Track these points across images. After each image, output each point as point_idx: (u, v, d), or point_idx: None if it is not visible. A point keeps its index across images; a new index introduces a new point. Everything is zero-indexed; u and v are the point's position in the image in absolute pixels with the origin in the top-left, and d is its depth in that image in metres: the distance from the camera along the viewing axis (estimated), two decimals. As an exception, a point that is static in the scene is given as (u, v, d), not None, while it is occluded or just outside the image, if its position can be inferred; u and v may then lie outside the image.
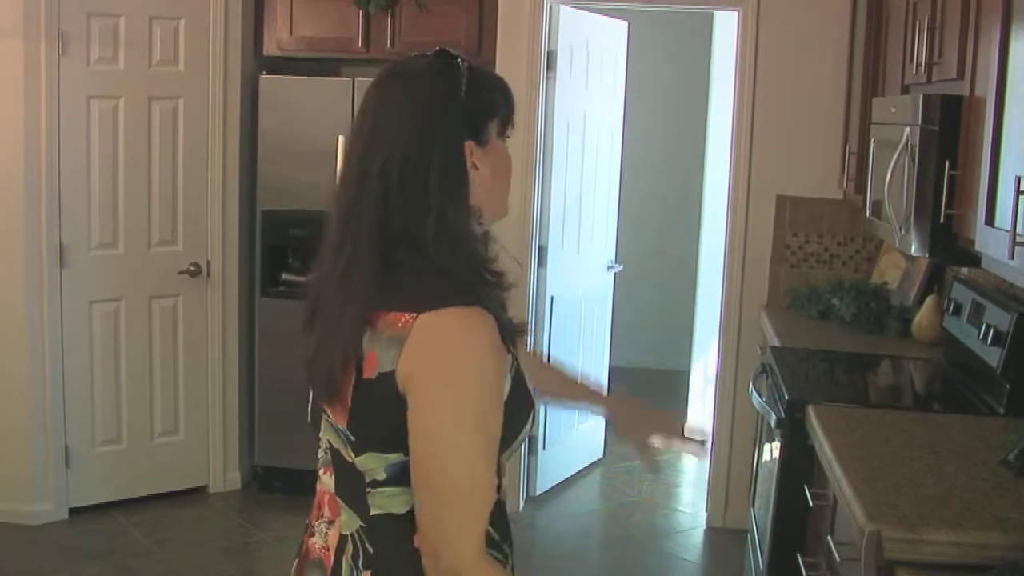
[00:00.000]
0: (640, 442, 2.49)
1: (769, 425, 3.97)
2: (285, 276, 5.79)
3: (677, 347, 7.97)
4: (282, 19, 5.79)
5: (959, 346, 3.98)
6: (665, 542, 5.64)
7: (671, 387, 7.83)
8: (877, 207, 3.92)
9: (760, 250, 5.57)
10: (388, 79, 1.95)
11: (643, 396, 2.34)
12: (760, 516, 4.26)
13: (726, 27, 6.53)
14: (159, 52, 5.47)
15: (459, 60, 1.94)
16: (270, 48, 5.84)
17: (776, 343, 4.64)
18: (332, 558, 1.99)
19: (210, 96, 5.62)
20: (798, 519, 3.55)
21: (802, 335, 4.76)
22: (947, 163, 3.20)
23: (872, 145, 4.07)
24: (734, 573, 5.09)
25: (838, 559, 2.74)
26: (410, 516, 1.89)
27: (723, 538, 5.59)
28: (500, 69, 5.56)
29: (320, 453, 2.05)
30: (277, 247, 5.79)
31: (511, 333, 1.93)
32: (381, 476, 1.90)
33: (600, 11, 6.17)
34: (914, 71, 3.81)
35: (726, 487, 5.70)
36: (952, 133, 3.23)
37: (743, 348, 5.56)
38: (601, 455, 6.72)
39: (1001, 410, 3.46)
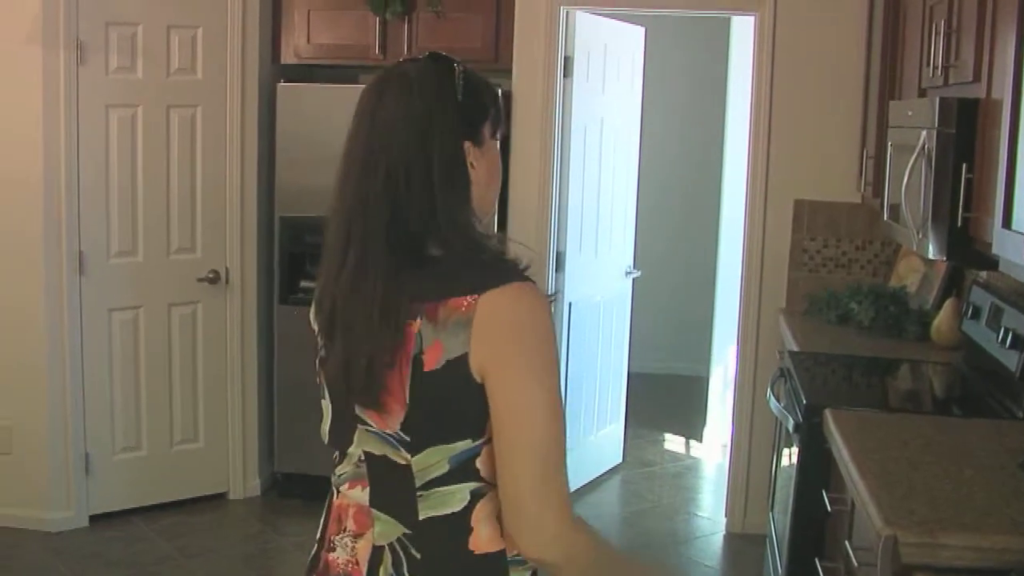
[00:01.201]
0: None
1: (787, 430, 3.96)
2: (303, 283, 5.79)
3: (696, 352, 7.95)
4: (299, 27, 5.81)
5: (978, 350, 3.97)
6: (685, 547, 5.63)
7: (690, 393, 7.83)
8: (895, 211, 3.90)
9: (778, 255, 5.55)
10: (385, 83, 1.98)
11: (662, 401, 2.36)
12: (779, 521, 4.25)
13: (743, 32, 6.52)
14: (177, 60, 5.50)
15: (454, 64, 1.99)
16: (287, 56, 5.86)
17: (794, 348, 4.63)
18: (364, 571, 1.99)
19: (228, 104, 5.64)
20: (816, 524, 3.54)
21: (820, 340, 4.75)
22: (964, 166, 3.19)
23: (889, 149, 4.06)
24: (753, 578, 5.10)
25: (856, 564, 2.74)
26: (466, 513, 1.93)
27: (742, 544, 5.57)
28: (517, 75, 5.59)
29: (345, 468, 2.05)
30: (295, 254, 5.80)
31: None
32: (443, 470, 1.91)
33: (617, 16, 6.18)
34: (931, 74, 3.79)
35: (745, 492, 5.69)
36: (969, 136, 3.22)
37: (762, 353, 5.55)
38: (620, 460, 6.71)
39: (1020, 414, 3.44)
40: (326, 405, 2.07)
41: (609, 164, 6.32)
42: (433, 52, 2.02)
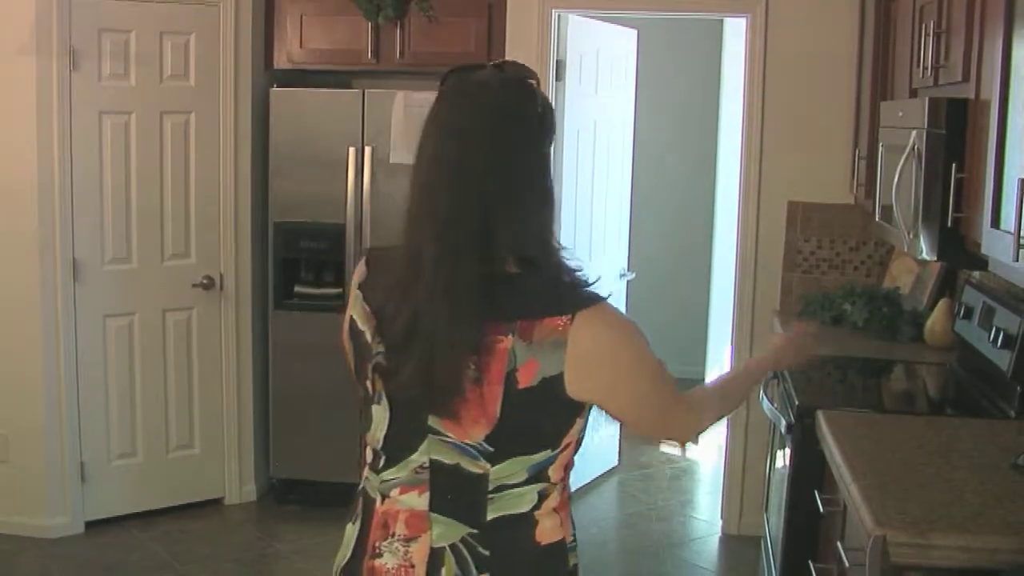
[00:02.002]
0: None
1: (780, 431, 3.96)
2: (298, 288, 5.81)
3: (691, 354, 7.94)
4: (292, 32, 5.81)
5: (971, 350, 3.97)
6: (681, 550, 5.63)
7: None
8: (887, 211, 3.91)
9: (772, 256, 5.56)
10: (465, 95, 1.99)
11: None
12: (773, 523, 4.25)
13: (736, 34, 6.53)
14: (170, 67, 5.50)
15: (528, 79, 2.02)
16: (281, 61, 5.86)
17: (788, 349, 4.62)
18: (423, 573, 2.02)
19: (221, 110, 5.64)
20: (809, 525, 3.53)
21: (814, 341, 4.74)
22: (954, 166, 3.20)
23: (881, 149, 4.06)
24: (749, 580, 5.10)
25: (847, 565, 2.74)
26: (533, 511, 2.03)
27: (738, 546, 5.58)
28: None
29: (397, 474, 2.05)
30: (289, 259, 5.81)
31: None
32: (521, 478, 1.99)
33: (609, 19, 6.18)
34: (921, 75, 3.80)
35: (741, 494, 5.69)
36: (959, 136, 3.23)
37: (756, 354, 5.54)
38: (616, 463, 6.71)
39: (1012, 413, 3.45)
40: (380, 411, 2.06)
41: (603, 167, 6.32)
42: (506, 61, 2.04)
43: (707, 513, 6.09)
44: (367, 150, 5.60)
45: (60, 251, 5.28)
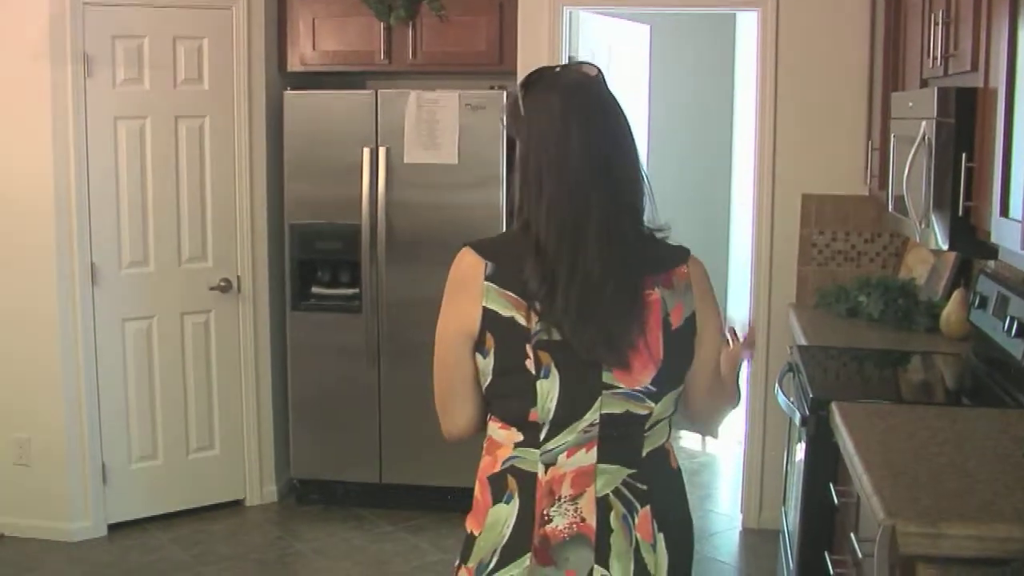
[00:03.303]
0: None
1: (795, 424, 3.96)
2: (315, 289, 5.83)
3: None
4: (304, 34, 5.83)
5: (986, 340, 3.96)
6: (701, 544, 5.61)
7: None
8: (900, 202, 3.90)
9: (787, 249, 5.55)
10: (584, 91, 2.29)
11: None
12: (790, 516, 4.25)
13: (749, 27, 6.52)
14: (184, 71, 5.53)
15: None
16: (294, 63, 5.88)
17: (803, 342, 4.63)
18: (595, 522, 2.24)
19: (235, 113, 5.67)
20: (825, 518, 3.54)
21: (830, 333, 4.75)
22: (964, 155, 3.19)
23: (893, 140, 4.05)
24: (767, 573, 5.08)
25: (860, 556, 2.74)
26: (667, 440, 2.36)
27: (758, 539, 5.57)
28: (522, 77, 5.57)
29: (564, 439, 2.24)
30: (306, 260, 5.82)
31: None
32: (671, 410, 2.33)
33: (621, 16, 6.18)
34: (931, 65, 3.80)
35: (760, 488, 5.69)
36: (968, 125, 3.22)
37: (773, 348, 5.54)
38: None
39: (1026, 402, 3.44)
40: (547, 384, 2.21)
41: (617, 163, 6.30)
42: (583, 61, 2.40)
43: (727, 507, 6.09)
44: (381, 150, 5.61)
45: (78, 256, 5.32)
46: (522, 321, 2.20)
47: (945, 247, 3.43)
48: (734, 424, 6.89)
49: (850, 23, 5.35)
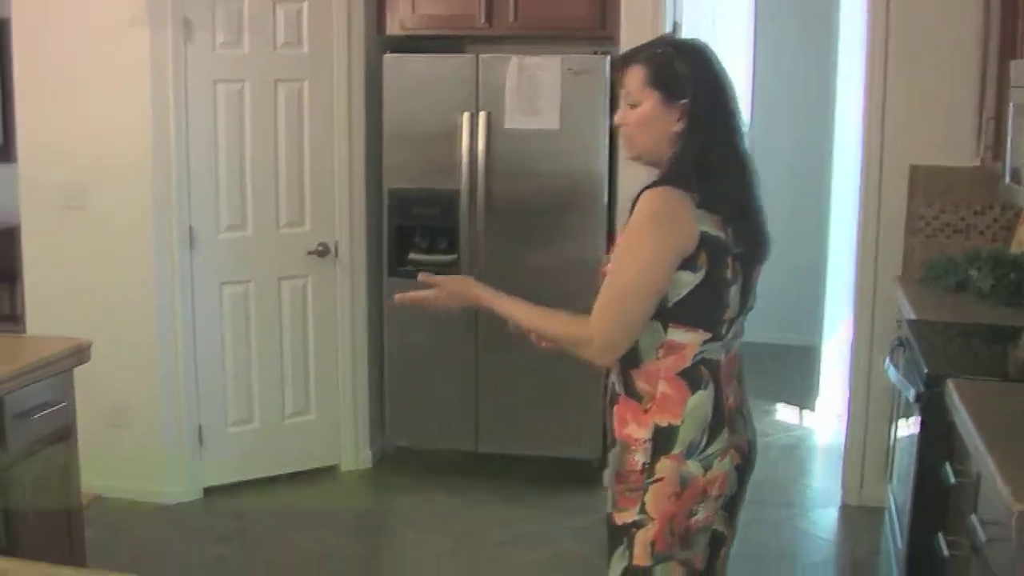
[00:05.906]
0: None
1: (907, 400, 3.85)
2: (412, 255, 5.79)
3: (807, 323, 7.81)
4: (404, -2, 5.78)
5: (1105, 316, 3.83)
6: (799, 520, 5.53)
7: (801, 363, 7.71)
8: (1017, 173, 3.78)
9: (893, 221, 5.41)
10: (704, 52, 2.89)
11: (773, 372, 2.69)
12: (898, 494, 4.15)
13: (855, -6, 6.36)
14: (283, 35, 5.51)
15: None
16: (393, 27, 5.83)
17: (912, 316, 4.51)
18: (742, 393, 2.81)
19: (334, 77, 5.64)
20: (938, 497, 3.43)
21: (938, 308, 4.62)
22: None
23: (1011, 109, 3.92)
24: (870, 551, 4.99)
25: (983, 539, 2.64)
26: None
27: (858, 516, 5.45)
28: (625, 42, 5.48)
29: (736, 328, 2.76)
30: (403, 226, 5.79)
31: None
32: None
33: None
34: (1055, 30, 3.66)
35: (861, 464, 5.56)
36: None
37: (878, 322, 5.42)
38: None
39: None
40: (736, 290, 2.70)
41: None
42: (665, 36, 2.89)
43: (826, 482, 5.98)
44: (481, 116, 5.55)
45: (176, 220, 5.33)
46: (726, 237, 2.64)
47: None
48: (833, 398, 6.81)
49: (965, -12, 5.18)
